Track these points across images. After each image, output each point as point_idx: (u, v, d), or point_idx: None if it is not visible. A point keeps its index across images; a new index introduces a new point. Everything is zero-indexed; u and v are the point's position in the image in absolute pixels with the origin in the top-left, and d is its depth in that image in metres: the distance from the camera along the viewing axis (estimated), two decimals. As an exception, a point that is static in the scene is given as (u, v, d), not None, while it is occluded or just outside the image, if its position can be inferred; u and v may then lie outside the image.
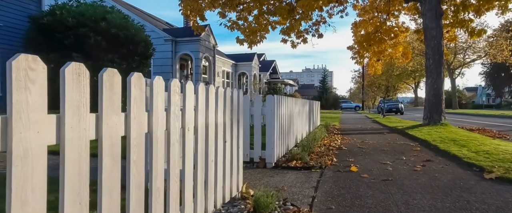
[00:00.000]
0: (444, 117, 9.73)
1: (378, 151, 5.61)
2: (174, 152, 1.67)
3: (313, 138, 6.16)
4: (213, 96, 2.20)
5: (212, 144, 2.19)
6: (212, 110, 2.18)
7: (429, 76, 9.80)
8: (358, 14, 15.90)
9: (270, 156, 4.23)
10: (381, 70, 18.39)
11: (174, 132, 1.67)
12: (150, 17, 20.23)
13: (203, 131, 2.05)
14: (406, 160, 4.71)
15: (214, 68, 18.96)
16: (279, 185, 3.31)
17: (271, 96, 4.27)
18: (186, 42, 16.69)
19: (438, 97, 9.64)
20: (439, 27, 9.72)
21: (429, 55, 9.79)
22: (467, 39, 36.47)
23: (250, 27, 10.53)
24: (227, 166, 2.51)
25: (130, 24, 10.25)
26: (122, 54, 9.72)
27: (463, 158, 4.58)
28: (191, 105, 1.86)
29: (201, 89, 2.00)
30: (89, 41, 8.93)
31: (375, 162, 4.56)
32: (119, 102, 1.27)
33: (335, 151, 5.58)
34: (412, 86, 63.25)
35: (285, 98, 5.14)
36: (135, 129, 1.35)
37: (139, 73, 1.40)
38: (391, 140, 7.22)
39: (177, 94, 1.70)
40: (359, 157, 4.99)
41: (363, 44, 14.02)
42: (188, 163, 1.83)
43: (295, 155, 4.46)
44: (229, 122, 2.53)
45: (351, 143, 6.79)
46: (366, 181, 3.45)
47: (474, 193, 3.00)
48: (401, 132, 9.02)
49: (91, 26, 9.05)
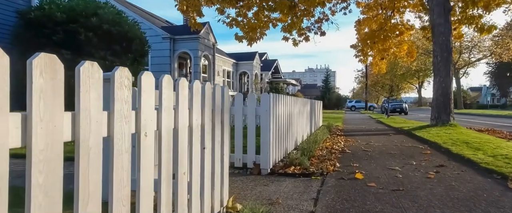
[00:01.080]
0: (453, 118, 9.24)
1: (385, 155, 5.15)
2: (120, 165, 1.23)
3: (314, 140, 5.72)
4: (185, 92, 1.76)
5: (184, 152, 1.75)
6: (184, 110, 1.74)
7: (437, 74, 9.32)
8: (362, 12, 15.42)
9: (265, 162, 3.79)
10: (385, 69, 17.90)
11: (121, 138, 1.24)
12: (148, 14, 19.83)
13: (170, 136, 1.61)
14: (417, 165, 4.26)
15: (213, 67, 18.52)
16: (273, 196, 2.87)
17: (266, 94, 3.83)
18: (184, 40, 16.26)
19: (446, 96, 9.16)
20: (447, 23, 9.23)
21: (437, 52, 9.31)
22: (473, 38, 35.88)
23: (250, 23, 10.08)
24: (207, 178, 2.07)
25: (124, 20, 9.83)
26: (115, 51, 9.32)
27: (480, 163, 4.12)
28: (149, 103, 1.43)
29: (166, 82, 1.56)
30: (80, 38, 8.52)
31: (383, 168, 4.10)
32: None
33: (338, 155, 5.13)
34: (416, 86, 62.58)
35: (283, 97, 4.70)
36: (41, 138, 0.91)
37: (52, 55, 0.96)
38: (398, 142, 6.76)
39: (126, 88, 1.27)
40: (364, 162, 4.53)
41: (367, 41, 13.54)
42: (145, 179, 1.39)
43: (293, 160, 4.01)
44: (209, 124, 2.09)
45: (355, 145, 6.33)
46: (374, 192, 3.00)
47: (503, 207, 2.54)
48: (408, 133, 8.55)
49: (82, 22, 8.64)
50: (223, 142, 2.32)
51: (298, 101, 6.07)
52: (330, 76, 51.88)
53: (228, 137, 2.42)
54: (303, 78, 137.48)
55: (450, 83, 9.23)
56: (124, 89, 1.25)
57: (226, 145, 2.38)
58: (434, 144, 6.26)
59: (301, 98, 6.57)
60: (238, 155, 3.94)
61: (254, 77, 25.97)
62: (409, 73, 47.40)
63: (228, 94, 2.40)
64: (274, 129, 4.06)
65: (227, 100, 2.37)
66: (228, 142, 2.42)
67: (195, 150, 1.89)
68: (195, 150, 1.89)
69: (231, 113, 3.99)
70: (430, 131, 8.19)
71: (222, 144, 2.31)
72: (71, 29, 8.57)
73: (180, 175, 1.72)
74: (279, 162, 4.24)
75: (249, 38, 10.48)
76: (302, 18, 11.80)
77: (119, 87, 1.23)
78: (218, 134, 2.24)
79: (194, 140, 1.88)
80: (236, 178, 3.53)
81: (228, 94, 2.40)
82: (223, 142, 2.33)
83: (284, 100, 4.75)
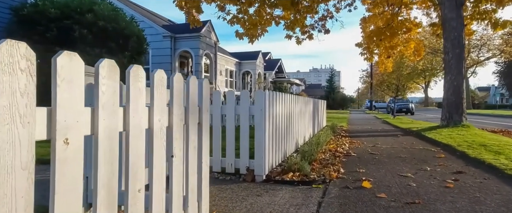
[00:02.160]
0: (466, 118, 8.73)
1: (395, 159, 4.69)
2: (14, 188, 0.82)
3: (317, 142, 5.27)
4: (141, 84, 1.34)
5: (138, 163, 1.33)
6: (138, 108, 1.32)
7: (448, 72, 8.81)
8: (367, 9, 14.93)
9: (260, 167, 3.36)
10: (391, 67, 17.37)
11: (8, 148, 0.82)
12: (150, 13, 19.49)
13: (112, 142, 1.19)
14: (432, 172, 3.80)
15: (215, 66, 18.11)
16: (266, 210, 2.44)
17: (261, 91, 3.40)
18: (185, 38, 15.88)
19: (458, 95, 8.64)
20: (459, 17, 8.72)
21: (449, 48, 8.80)
22: (482, 36, 35.06)
23: (251, 19, 9.65)
24: (177, 195, 1.65)
25: (121, 16, 9.47)
26: (111, 49, 8.95)
27: (505, 170, 3.64)
28: (74, 98, 1.01)
29: (106, 69, 1.14)
30: (74, 35, 8.17)
31: (393, 175, 3.65)
32: None
33: (342, 159, 4.68)
34: (422, 86, 61.62)
35: (282, 95, 4.27)
36: None
37: None
38: (408, 145, 6.28)
39: (19, 75, 0.85)
40: (372, 167, 4.08)
41: (373, 38, 13.04)
42: (63, 203, 0.97)
43: (292, 165, 3.58)
44: (180, 126, 1.67)
45: (361, 147, 5.87)
46: (385, 205, 2.55)
47: (544, 228, 2.08)
48: (417, 135, 8.06)
49: (76, 18, 8.29)
50: (200, 148, 1.90)
51: (299, 100, 5.63)
52: (334, 75, 51.25)
53: (208, 141, 1.99)
54: (308, 78, 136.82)
55: (462, 81, 8.72)
56: (12, 74, 0.84)
57: (205, 152, 1.95)
58: (447, 146, 5.78)
59: (302, 97, 6.13)
60: (229, 160, 3.52)
61: (257, 77, 25.54)
62: (415, 72, 46.57)
63: (208, 88, 1.97)
64: (270, 130, 3.64)
65: (207, 96, 1.94)
66: (207, 147, 1.99)
67: (156, 159, 1.47)
68: (156, 159, 1.47)
69: (222, 112, 3.57)
70: (441, 132, 7.69)
71: (199, 150, 1.89)
72: (65, 26, 8.23)
73: (131, 193, 1.30)
74: (276, 167, 3.81)
75: (249, 35, 10.05)
76: (305, 15, 11.34)
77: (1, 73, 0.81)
78: (194, 139, 1.82)
79: (156, 146, 1.46)
80: (226, 187, 3.11)
81: (208, 88, 1.97)
82: (201, 148, 1.90)
83: (283, 99, 4.32)
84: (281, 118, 4.17)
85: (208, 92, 1.96)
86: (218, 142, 3.56)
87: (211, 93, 3.49)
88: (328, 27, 13.56)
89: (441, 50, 43.96)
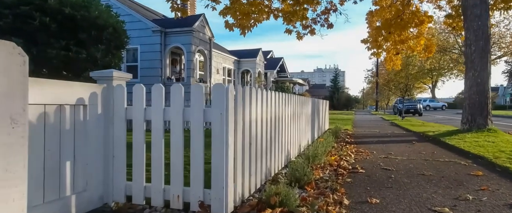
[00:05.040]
0: (491, 121, 7.47)
1: (417, 178, 3.48)
2: None
3: (314, 154, 4.07)
4: None
5: None
6: None
7: (471, 67, 7.55)
8: (374, 2, 13.71)
9: (219, 201, 2.18)
10: (400, 65, 16.09)
11: None
12: (140, 6, 18.36)
13: None
14: (476, 202, 2.59)
15: (210, 63, 16.91)
16: None
17: (221, 85, 2.21)
18: (176, 33, 14.71)
19: (483, 94, 7.39)
20: (484, 3, 7.46)
21: (471, 40, 7.55)
22: (493, 34, 33.51)
23: (241, 8, 8.46)
24: None
25: (94, 3, 8.35)
26: (81, 41, 7.83)
27: None
28: None
29: None
30: (34, 23, 7.07)
31: (421, 208, 2.44)
32: None
33: (347, 178, 3.48)
34: (429, 86, 59.98)
35: (264, 93, 3.08)
36: None
37: None
38: (428, 155, 5.06)
39: None
40: (388, 194, 2.88)
41: (381, 31, 11.80)
42: None
43: (271, 196, 2.39)
44: None
45: (371, 160, 4.66)
46: None
47: None
48: (436, 141, 6.82)
49: (37, 4, 7.17)
50: None
51: (292, 100, 4.44)
52: (339, 75, 49.90)
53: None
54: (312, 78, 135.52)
55: (488, 78, 7.45)
56: None
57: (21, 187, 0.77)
58: (480, 158, 4.56)
59: (297, 96, 4.93)
60: (175, 190, 2.33)
61: (257, 75, 24.32)
62: (422, 72, 45.01)
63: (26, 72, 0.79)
64: (240, 143, 2.45)
65: (22, 89, 0.76)
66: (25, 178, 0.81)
67: None
68: None
69: (165, 118, 2.38)
70: (464, 138, 6.45)
71: None
72: (22, 13, 7.10)
73: None
74: (249, 198, 2.63)
75: (240, 26, 8.86)
76: (304, 4, 10.12)
77: None
78: None
79: None
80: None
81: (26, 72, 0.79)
82: None
83: (266, 98, 3.13)
84: (262, 124, 2.98)
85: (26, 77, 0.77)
86: (159, 162, 2.37)
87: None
88: (331, 21, 12.38)
89: (449, 49, 42.45)
